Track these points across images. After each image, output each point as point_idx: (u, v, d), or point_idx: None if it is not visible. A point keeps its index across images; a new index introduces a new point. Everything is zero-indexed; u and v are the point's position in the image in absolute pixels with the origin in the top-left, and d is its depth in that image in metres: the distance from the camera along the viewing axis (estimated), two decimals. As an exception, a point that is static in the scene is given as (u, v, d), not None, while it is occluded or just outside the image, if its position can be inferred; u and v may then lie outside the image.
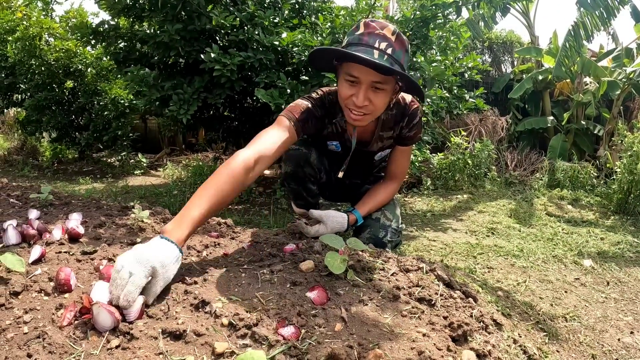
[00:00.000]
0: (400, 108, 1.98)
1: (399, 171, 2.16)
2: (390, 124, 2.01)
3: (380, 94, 1.70)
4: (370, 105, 1.71)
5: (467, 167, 5.16)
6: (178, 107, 3.13)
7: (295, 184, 2.17)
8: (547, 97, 7.72)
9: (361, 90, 1.67)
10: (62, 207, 2.22)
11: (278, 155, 1.70)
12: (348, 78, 1.68)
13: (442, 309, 1.27)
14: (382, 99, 1.72)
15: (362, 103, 1.68)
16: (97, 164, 6.36)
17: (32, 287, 1.15)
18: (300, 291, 1.20)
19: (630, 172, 4.13)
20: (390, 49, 1.63)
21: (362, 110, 1.71)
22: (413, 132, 2.02)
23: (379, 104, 1.73)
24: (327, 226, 1.90)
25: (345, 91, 1.71)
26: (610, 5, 5.51)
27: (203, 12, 3.14)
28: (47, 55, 5.53)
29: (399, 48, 1.66)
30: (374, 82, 1.66)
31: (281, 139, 1.69)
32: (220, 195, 1.40)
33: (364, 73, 1.64)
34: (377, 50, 1.61)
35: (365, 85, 1.67)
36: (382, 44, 1.62)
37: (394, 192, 2.17)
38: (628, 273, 2.66)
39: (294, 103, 1.87)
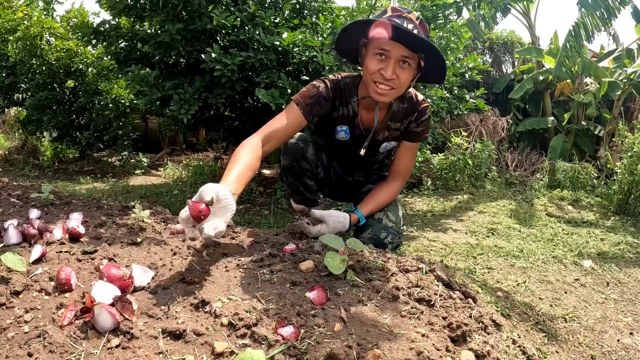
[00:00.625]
0: (412, 104, 2.08)
1: (403, 168, 2.19)
2: (399, 117, 2.09)
3: (406, 70, 1.81)
4: (396, 79, 1.81)
5: (467, 167, 5.16)
6: (179, 107, 3.14)
7: (292, 178, 2.21)
8: (548, 97, 7.72)
9: (390, 64, 1.77)
10: (62, 207, 2.23)
11: (287, 135, 1.89)
12: (378, 51, 1.78)
13: (442, 310, 1.28)
14: (407, 74, 1.83)
15: (390, 76, 1.78)
16: (97, 163, 6.37)
17: (33, 287, 1.15)
18: (300, 291, 1.20)
19: (631, 173, 4.13)
20: (416, 31, 1.77)
21: (389, 83, 1.81)
22: (420, 129, 2.11)
23: (404, 79, 1.83)
24: (329, 226, 1.92)
25: (374, 65, 1.81)
26: (611, 5, 5.51)
27: (204, 12, 3.14)
28: (48, 54, 5.54)
29: (422, 31, 1.80)
30: (403, 56, 1.77)
31: (289, 121, 1.86)
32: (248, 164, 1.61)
33: (394, 47, 1.75)
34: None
35: (395, 59, 1.77)
36: (409, 25, 1.75)
37: (397, 192, 2.19)
38: (628, 274, 2.65)
39: (307, 86, 2.00)
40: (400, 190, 2.31)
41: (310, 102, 1.92)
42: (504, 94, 7.98)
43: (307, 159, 2.14)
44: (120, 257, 1.40)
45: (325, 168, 2.30)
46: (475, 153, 5.25)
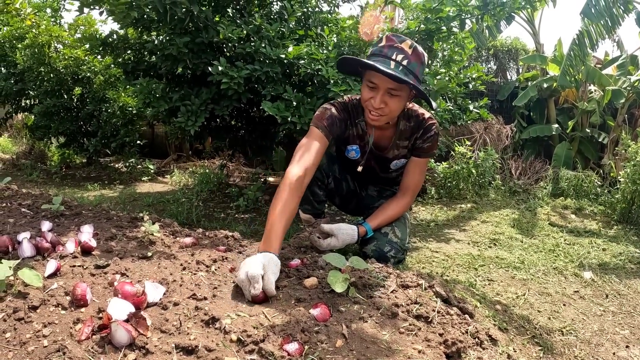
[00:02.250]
0: (418, 121, 2.21)
1: (412, 184, 2.29)
2: (407, 134, 2.23)
3: (394, 98, 1.97)
4: (385, 107, 1.97)
5: (471, 176, 5.18)
6: (186, 118, 3.20)
7: None
8: (552, 104, 7.73)
9: (378, 94, 1.95)
10: (73, 218, 2.29)
11: (319, 160, 2.01)
12: (368, 84, 1.98)
13: (439, 326, 1.33)
14: (396, 103, 1.99)
15: (378, 105, 1.96)
16: (104, 169, 6.44)
17: (50, 302, 1.21)
18: (305, 308, 1.25)
19: (634, 182, 4.15)
20: (406, 61, 1.90)
21: (378, 111, 1.98)
22: (427, 145, 2.22)
23: (393, 107, 1.99)
24: (339, 239, 2.03)
25: (366, 94, 2.00)
26: (615, 13, 5.53)
27: (210, 25, 3.20)
28: (56, 62, 5.61)
29: (414, 60, 1.93)
30: (389, 88, 1.93)
31: (316, 147, 2.00)
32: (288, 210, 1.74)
33: (381, 80, 1.93)
34: (393, 62, 1.89)
35: (382, 90, 1.94)
36: (398, 56, 1.90)
37: (406, 207, 2.29)
38: (628, 285, 2.67)
39: (320, 110, 2.16)
40: (410, 206, 2.41)
41: (328, 123, 2.07)
42: (509, 101, 7.99)
43: (320, 168, 2.26)
44: (131, 272, 1.46)
45: (337, 179, 2.38)
46: (479, 162, 5.27)
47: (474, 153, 5.57)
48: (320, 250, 2.00)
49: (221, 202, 4.21)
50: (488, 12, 3.01)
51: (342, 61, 2.08)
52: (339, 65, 2.15)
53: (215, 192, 4.60)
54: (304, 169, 1.88)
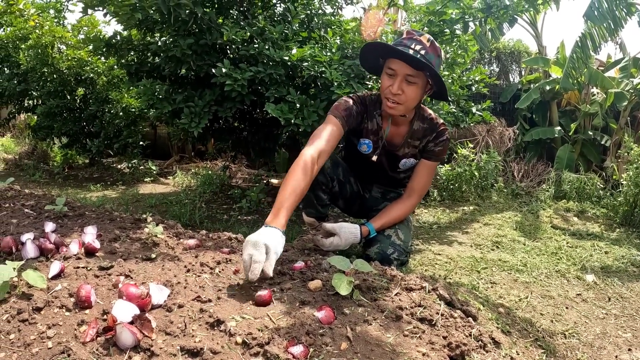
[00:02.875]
0: (432, 124, 2.29)
1: (419, 187, 2.32)
2: (419, 135, 2.30)
3: (412, 86, 2.05)
4: (402, 95, 2.05)
5: (474, 178, 5.19)
6: (189, 119, 3.20)
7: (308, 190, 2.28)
8: (555, 107, 7.73)
9: (397, 81, 2.03)
10: (76, 219, 2.29)
11: (333, 147, 2.07)
12: (388, 71, 2.06)
13: (442, 329, 1.33)
14: (413, 91, 2.06)
15: (396, 91, 2.03)
16: (107, 170, 6.45)
17: (54, 303, 1.21)
18: (309, 310, 1.26)
19: (636, 185, 4.16)
20: (424, 51, 1.99)
21: (395, 98, 2.06)
22: (438, 149, 2.28)
23: (410, 95, 2.07)
24: (342, 238, 2.05)
25: (385, 82, 2.08)
26: (618, 16, 5.54)
27: (214, 27, 3.21)
28: (59, 63, 5.62)
29: (431, 52, 2.03)
30: (407, 74, 2.01)
31: (332, 133, 2.05)
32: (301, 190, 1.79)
33: (399, 66, 2.01)
34: (412, 50, 1.98)
35: (400, 77, 2.02)
36: (417, 47, 1.99)
37: (410, 209, 2.32)
38: (630, 288, 2.67)
39: (339, 102, 2.22)
40: (414, 208, 2.44)
41: (345, 114, 2.13)
42: (511, 103, 8.00)
43: (324, 171, 2.28)
44: (135, 273, 1.46)
45: (341, 183, 2.39)
46: (481, 164, 5.28)
47: (476, 155, 5.57)
48: (324, 250, 2.02)
49: (224, 204, 4.21)
50: (491, 15, 3.01)
51: (366, 48, 2.16)
52: (362, 55, 2.22)
53: (217, 194, 4.61)
54: (318, 151, 1.93)
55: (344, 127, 2.12)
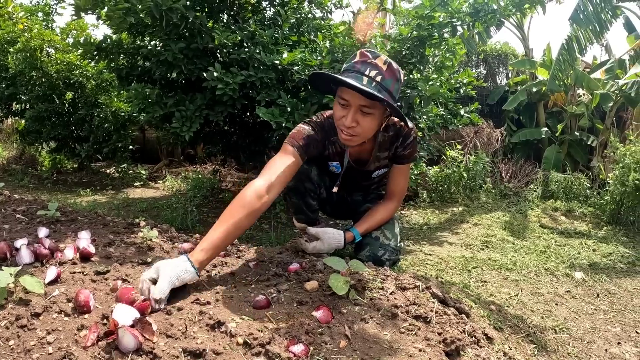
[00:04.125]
0: (396, 130, 2.14)
1: (398, 190, 2.29)
2: (386, 145, 2.17)
3: (367, 117, 1.87)
4: (357, 127, 1.87)
5: (462, 179, 5.24)
6: (181, 124, 3.20)
7: (296, 198, 2.30)
8: (542, 108, 7.82)
9: (350, 112, 1.84)
10: (69, 224, 2.29)
11: (287, 181, 1.87)
12: (340, 101, 1.87)
13: (437, 326, 1.35)
14: (369, 122, 1.88)
15: (350, 124, 1.85)
16: (96, 174, 6.41)
17: (52, 308, 1.22)
18: (307, 310, 1.28)
19: (622, 184, 4.22)
20: (380, 77, 1.80)
21: (350, 131, 1.88)
22: (407, 151, 2.17)
23: (366, 127, 1.89)
24: (324, 242, 2.02)
25: (338, 112, 1.90)
26: (603, 18, 5.63)
27: (205, 30, 3.21)
28: (48, 67, 5.58)
29: (388, 77, 1.83)
30: (361, 105, 1.83)
31: (288, 165, 1.85)
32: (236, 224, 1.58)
33: (353, 97, 1.82)
34: (366, 77, 1.78)
35: (354, 108, 1.83)
36: (372, 72, 1.79)
37: (392, 211, 2.29)
38: (618, 284, 2.73)
39: (296, 129, 2.05)
40: (396, 210, 2.39)
41: (304, 143, 1.96)
42: (498, 105, 8.08)
43: (311, 180, 2.25)
44: (132, 278, 1.47)
45: (328, 189, 2.39)
46: (470, 166, 5.33)
47: (464, 157, 5.63)
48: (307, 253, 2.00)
49: (215, 208, 4.21)
50: (479, 19, 3.05)
51: (314, 77, 1.97)
52: (312, 82, 2.09)
53: (208, 198, 4.61)
54: (268, 185, 1.73)
55: (302, 158, 1.95)
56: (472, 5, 3.01)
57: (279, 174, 1.80)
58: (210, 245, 1.48)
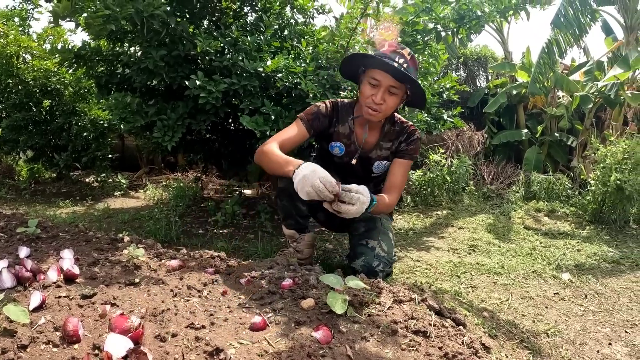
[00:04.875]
0: (402, 127, 2.41)
1: (397, 183, 2.35)
2: (391, 137, 2.41)
3: (393, 97, 2.16)
4: (384, 104, 2.15)
5: (445, 183, 5.26)
6: (162, 133, 3.13)
7: (286, 200, 2.28)
8: (522, 110, 7.93)
9: (380, 91, 2.13)
10: (50, 241, 2.22)
11: (295, 144, 2.26)
12: (371, 81, 2.14)
13: (437, 340, 1.33)
14: (393, 101, 2.18)
15: (379, 101, 2.13)
16: (75, 184, 6.27)
17: (39, 339, 1.15)
18: (306, 330, 1.24)
19: (604, 184, 4.28)
20: (406, 64, 2.12)
21: (377, 107, 2.15)
22: (411, 147, 2.39)
23: (390, 104, 2.18)
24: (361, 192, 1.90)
25: (367, 92, 2.16)
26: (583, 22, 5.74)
27: (187, 37, 3.16)
28: (25, 74, 5.44)
29: (412, 65, 2.17)
30: (391, 85, 2.12)
31: (294, 133, 2.23)
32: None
33: (384, 77, 2.11)
34: (396, 63, 2.08)
35: (384, 87, 2.12)
36: (400, 60, 2.11)
37: (390, 205, 2.30)
38: (605, 284, 2.75)
39: (311, 106, 2.36)
40: (396, 203, 2.54)
41: (311, 117, 2.28)
42: (479, 108, 8.17)
43: None
44: (121, 301, 1.41)
45: None
46: (453, 169, 5.36)
47: (447, 160, 5.66)
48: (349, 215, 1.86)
49: (198, 217, 4.15)
50: (463, 25, 3.06)
51: (349, 58, 2.25)
52: (344, 63, 2.31)
53: (191, 207, 4.53)
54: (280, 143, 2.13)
55: (309, 131, 2.26)
56: (457, 12, 3.01)
57: (288, 137, 2.20)
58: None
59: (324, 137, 2.45)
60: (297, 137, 2.23)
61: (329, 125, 2.37)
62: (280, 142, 2.14)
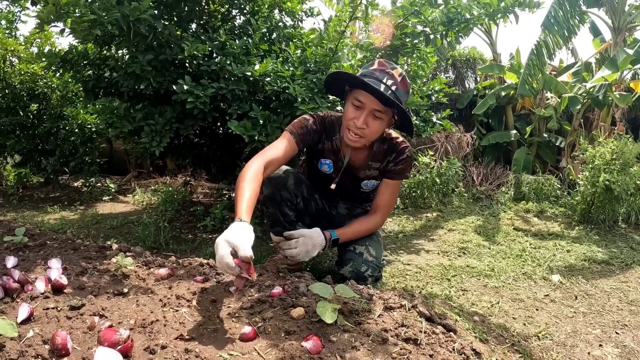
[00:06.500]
0: (392, 145, 2.24)
1: (383, 204, 2.29)
2: (379, 157, 2.25)
3: (377, 121, 2.00)
4: (366, 129, 2.00)
5: (435, 185, 5.28)
6: (150, 138, 3.10)
7: (272, 208, 2.26)
8: (510, 111, 7.98)
9: (363, 114, 1.97)
10: (37, 250, 2.19)
11: (283, 161, 2.04)
12: (355, 102, 1.98)
13: (427, 347, 1.33)
14: (377, 126, 2.02)
15: (361, 125, 1.97)
16: (63, 189, 6.20)
17: (28, 353, 1.13)
18: (296, 340, 1.23)
19: (593, 185, 4.32)
20: (395, 87, 1.95)
21: (359, 132, 2.00)
22: (399, 167, 2.23)
23: (374, 130, 2.02)
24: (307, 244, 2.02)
25: (350, 114, 2.01)
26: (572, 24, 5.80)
27: (174, 41, 3.13)
28: (11, 77, 5.37)
29: (401, 88, 1.99)
30: (375, 109, 1.96)
31: (285, 148, 2.03)
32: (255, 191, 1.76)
33: (369, 100, 1.95)
34: (383, 85, 1.92)
35: (368, 110, 1.96)
36: (389, 81, 1.94)
37: (376, 226, 2.29)
38: (594, 285, 2.77)
39: (298, 119, 2.19)
40: (380, 226, 2.39)
41: (302, 132, 2.11)
42: (468, 109, 8.21)
43: (288, 188, 2.23)
44: (109, 312, 1.39)
45: (306, 199, 2.35)
46: (442, 171, 5.38)
47: (436, 162, 5.67)
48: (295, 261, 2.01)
49: (187, 222, 4.12)
50: (452, 28, 3.06)
51: (334, 76, 2.11)
52: (327, 81, 2.17)
53: (180, 211, 4.50)
54: (268, 160, 1.92)
55: (299, 145, 2.10)
56: (446, 15, 3.02)
57: (276, 154, 1.98)
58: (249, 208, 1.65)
59: (312, 153, 2.35)
60: (288, 152, 2.05)
61: (318, 141, 2.24)
62: (268, 160, 1.94)
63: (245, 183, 1.74)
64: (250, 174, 1.79)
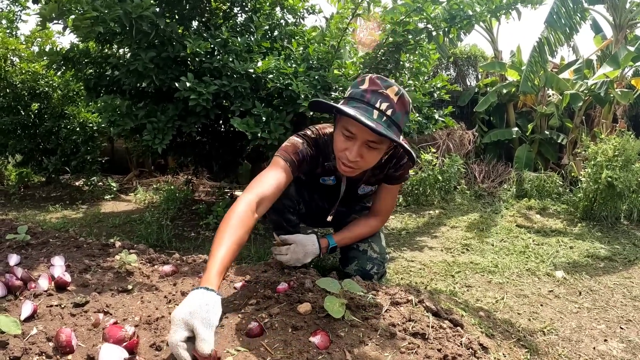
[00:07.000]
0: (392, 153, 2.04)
1: (384, 209, 2.21)
2: (381, 167, 2.06)
3: (373, 152, 1.74)
4: (361, 160, 1.74)
5: (437, 182, 5.27)
6: (152, 136, 3.09)
7: (275, 215, 2.21)
8: (512, 109, 7.97)
9: (355, 145, 1.69)
10: (40, 248, 2.18)
11: (277, 195, 1.72)
12: (345, 132, 1.71)
13: (435, 341, 1.33)
14: (374, 156, 1.76)
15: (354, 158, 1.71)
16: (65, 188, 6.20)
17: (32, 350, 1.13)
18: (303, 336, 1.23)
19: (595, 181, 4.31)
20: (391, 110, 1.66)
21: (353, 164, 1.75)
22: (399, 173, 2.07)
23: (370, 160, 1.77)
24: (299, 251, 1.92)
25: (340, 144, 1.74)
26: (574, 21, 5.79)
27: (176, 39, 3.13)
28: (13, 77, 5.36)
29: (399, 109, 1.69)
30: (368, 140, 1.69)
31: (278, 179, 1.72)
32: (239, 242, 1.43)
33: (360, 131, 1.66)
34: (376, 111, 1.64)
35: (360, 142, 1.69)
36: (383, 105, 1.65)
37: (374, 229, 2.22)
38: (598, 281, 2.77)
39: (289, 142, 1.90)
40: (379, 229, 2.28)
41: (296, 159, 1.83)
42: (469, 107, 8.20)
43: (289, 196, 2.14)
44: (114, 308, 1.38)
45: (307, 203, 2.32)
46: (444, 168, 5.37)
47: (438, 159, 5.67)
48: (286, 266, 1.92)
49: (190, 220, 4.11)
50: (454, 25, 3.05)
51: (315, 103, 1.85)
52: (312, 105, 1.92)
53: (182, 210, 4.50)
54: (260, 197, 1.61)
55: (293, 174, 1.82)
56: (448, 11, 3.01)
57: (269, 189, 1.67)
58: (222, 268, 1.32)
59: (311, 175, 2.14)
60: (281, 184, 1.74)
61: (315, 167, 2.03)
62: (260, 197, 1.62)
63: (228, 230, 1.43)
64: (236, 217, 1.48)
